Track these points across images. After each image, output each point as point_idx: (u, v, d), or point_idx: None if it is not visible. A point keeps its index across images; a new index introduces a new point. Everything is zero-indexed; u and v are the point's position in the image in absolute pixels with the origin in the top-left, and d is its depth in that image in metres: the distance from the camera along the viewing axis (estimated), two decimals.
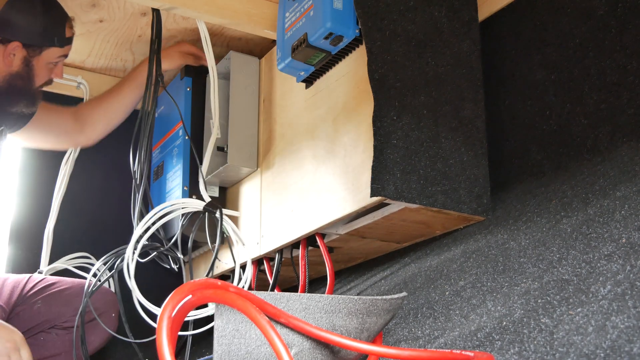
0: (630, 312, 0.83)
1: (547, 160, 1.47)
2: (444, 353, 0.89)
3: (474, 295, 1.18)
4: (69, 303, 1.68)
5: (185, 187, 1.82)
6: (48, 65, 1.67)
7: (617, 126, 1.34)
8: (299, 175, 1.60)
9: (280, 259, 1.67)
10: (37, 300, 1.68)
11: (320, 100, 1.57)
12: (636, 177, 1.19)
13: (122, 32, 1.91)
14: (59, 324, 1.66)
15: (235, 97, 1.80)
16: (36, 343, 1.64)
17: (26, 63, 1.63)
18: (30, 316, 1.66)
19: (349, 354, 0.94)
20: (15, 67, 1.62)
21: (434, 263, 1.43)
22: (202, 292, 0.83)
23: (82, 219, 2.16)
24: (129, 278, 1.58)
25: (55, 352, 1.66)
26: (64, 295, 1.70)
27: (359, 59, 1.46)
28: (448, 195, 1.40)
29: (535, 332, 0.93)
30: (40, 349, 1.65)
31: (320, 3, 1.43)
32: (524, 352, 0.90)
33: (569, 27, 1.49)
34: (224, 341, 0.85)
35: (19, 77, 1.63)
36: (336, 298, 0.92)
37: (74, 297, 1.70)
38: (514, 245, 1.26)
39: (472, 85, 1.49)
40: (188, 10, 1.63)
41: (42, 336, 1.65)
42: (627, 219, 1.07)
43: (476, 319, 1.09)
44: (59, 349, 1.66)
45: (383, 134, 1.36)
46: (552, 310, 0.96)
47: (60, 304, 1.67)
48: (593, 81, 1.42)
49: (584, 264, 1.03)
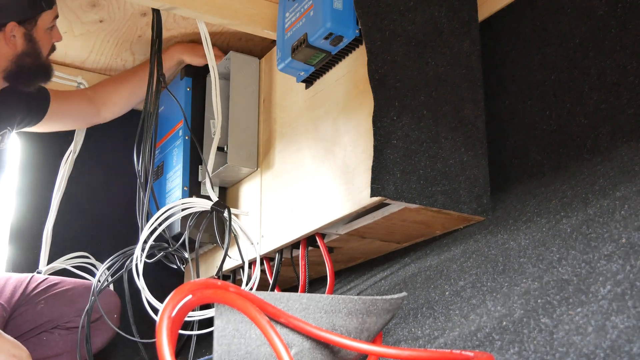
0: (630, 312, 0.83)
1: (547, 160, 1.47)
2: (444, 353, 0.89)
3: (474, 295, 1.18)
4: (72, 303, 1.69)
5: (185, 187, 1.82)
6: (47, 32, 1.68)
7: (617, 126, 1.34)
8: (299, 175, 1.60)
9: (280, 259, 1.67)
10: (40, 301, 1.69)
11: (320, 100, 1.57)
12: (636, 177, 1.19)
13: (122, 32, 1.91)
14: (62, 325, 1.67)
15: (235, 97, 1.80)
16: (39, 343, 1.65)
17: (28, 39, 1.65)
18: (33, 316, 1.66)
19: (349, 354, 0.94)
20: (20, 47, 1.64)
21: (434, 263, 1.43)
22: (202, 292, 0.83)
23: (81, 219, 2.16)
24: (138, 278, 1.58)
25: (58, 352, 1.66)
26: (67, 296, 1.71)
27: (359, 59, 1.46)
28: (448, 195, 1.40)
29: (535, 332, 0.93)
30: (43, 348, 1.65)
31: (320, 3, 1.43)
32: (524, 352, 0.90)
33: (569, 27, 1.49)
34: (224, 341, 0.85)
35: (26, 55, 1.65)
36: (336, 298, 0.92)
37: (77, 298, 1.71)
38: (514, 245, 1.26)
39: (472, 85, 1.49)
40: (188, 10, 1.63)
41: (45, 336, 1.66)
42: (627, 219, 1.07)
43: (476, 319, 1.09)
44: (62, 349, 1.67)
45: (383, 134, 1.36)
46: (552, 310, 0.96)
47: (63, 304, 1.68)
48: (593, 81, 1.42)
49: (584, 264, 1.03)
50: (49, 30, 1.69)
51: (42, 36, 1.67)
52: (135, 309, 1.70)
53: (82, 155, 2.03)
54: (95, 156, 2.16)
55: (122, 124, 2.04)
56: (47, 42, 1.69)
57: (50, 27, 1.69)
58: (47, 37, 1.69)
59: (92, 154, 2.11)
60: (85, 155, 2.04)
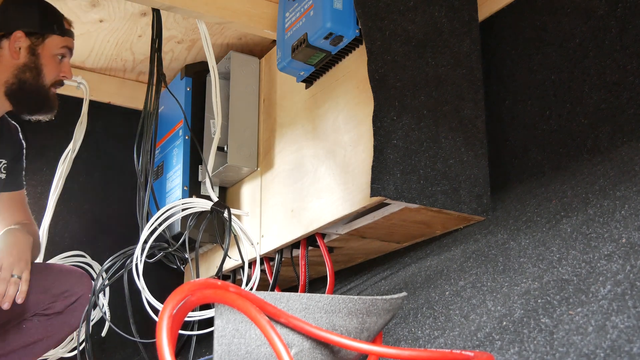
0: (630, 312, 0.83)
1: (547, 160, 1.47)
2: (444, 353, 0.89)
3: (474, 295, 1.18)
4: (46, 291, 1.69)
5: (185, 187, 1.82)
6: (54, 57, 1.69)
7: (617, 126, 1.34)
8: (298, 175, 1.60)
9: (280, 259, 1.67)
10: None
11: (320, 100, 1.57)
12: (636, 177, 1.19)
13: (122, 32, 1.91)
14: (40, 312, 1.67)
15: (235, 97, 1.80)
16: (18, 331, 1.65)
17: (32, 52, 1.66)
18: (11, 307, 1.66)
19: (349, 354, 0.94)
20: (22, 59, 1.65)
21: (434, 263, 1.43)
22: (202, 292, 0.83)
23: (80, 218, 2.16)
24: (138, 278, 1.58)
25: (38, 338, 1.67)
26: (41, 284, 1.71)
27: (359, 59, 1.46)
28: (448, 195, 1.40)
29: (535, 332, 0.93)
30: (24, 336, 1.66)
31: (320, 3, 1.43)
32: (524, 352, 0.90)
33: (569, 27, 1.49)
34: (224, 341, 0.85)
35: (28, 69, 1.66)
36: (336, 298, 0.92)
37: (50, 284, 1.71)
38: (514, 245, 1.26)
39: (472, 85, 1.49)
40: (188, 10, 1.63)
41: (24, 324, 1.66)
42: (627, 219, 1.08)
43: (476, 319, 1.09)
44: (41, 334, 1.68)
45: (383, 134, 1.36)
46: (552, 310, 0.96)
47: (38, 292, 1.68)
48: (593, 81, 1.42)
49: (584, 264, 1.03)
50: (57, 57, 1.70)
51: (49, 60, 1.68)
52: (135, 309, 1.70)
53: (80, 154, 2.03)
54: (94, 155, 2.16)
55: (122, 123, 2.04)
56: (53, 68, 1.69)
57: (60, 57, 1.70)
58: (54, 64, 1.69)
59: (92, 153, 2.11)
60: (83, 155, 2.04)
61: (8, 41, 1.64)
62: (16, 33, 1.64)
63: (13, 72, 1.65)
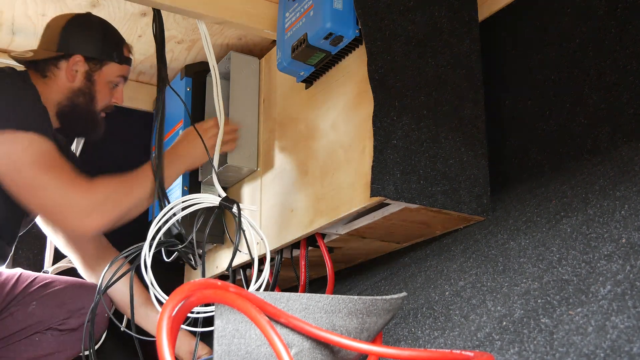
0: (630, 312, 0.83)
1: (547, 160, 1.47)
2: (444, 353, 0.89)
3: (473, 295, 1.18)
4: (62, 305, 1.69)
5: (186, 187, 1.82)
6: (109, 84, 1.71)
7: (617, 126, 1.34)
8: (299, 175, 1.60)
9: (280, 259, 1.67)
10: (33, 302, 1.69)
11: (320, 100, 1.57)
12: (636, 177, 1.19)
13: (122, 32, 1.91)
14: (55, 326, 1.67)
15: (235, 97, 1.80)
16: (31, 343, 1.65)
17: (88, 78, 1.68)
18: (24, 317, 1.66)
19: (349, 354, 0.94)
20: (78, 83, 1.67)
21: (434, 263, 1.43)
22: (202, 292, 0.83)
23: None
24: (146, 274, 1.57)
25: (48, 352, 1.67)
26: (59, 297, 1.71)
27: (359, 59, 1.46)
28: (448, 195, 1.40)
29: (535, 332, 0.93)
30: (36, 348, 1.66)
31: (320, 3, 1.43)
32: (524, 352, 0.90)
33: (569, 27, 1.49)
34: (224, 341, 0.85)
35: (81, 93, 1.68)
36: (336, 298, 0.92)
37: (68, 299, 1.71)
38: (514, 245, 1.26)
39: (472, 85, 1.49)
40: (188, 10, 1.63)
41: (38, 337, 1.66)
42: (627, 219, 1.08)
43: (476, 319, 1.09)
44: (53, 348, 1.67)
45: (383, 134, 1.36)
46: (552, 310, 0.96)
47: (55, 305, 1.68)
48: (593, 81, 1.42)
49: (584, 264, 1.03)
50: (111, 84, 1.72)
51: (103, 87, 1.70)
52: None
53: (87, 153, 2.03)
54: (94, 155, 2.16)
55: (121, 123, 2.04)
56: (105, 94, 1.71)
57: (114, 84, 1.72)
58: (107, 91, 1.71)
59: (96, 152, 2.11)
60: (89, 154, 2.04)
61: (67, 63, 1.66)
62: (75, 57, 1.66)
63: (67, 94, 1.67)
